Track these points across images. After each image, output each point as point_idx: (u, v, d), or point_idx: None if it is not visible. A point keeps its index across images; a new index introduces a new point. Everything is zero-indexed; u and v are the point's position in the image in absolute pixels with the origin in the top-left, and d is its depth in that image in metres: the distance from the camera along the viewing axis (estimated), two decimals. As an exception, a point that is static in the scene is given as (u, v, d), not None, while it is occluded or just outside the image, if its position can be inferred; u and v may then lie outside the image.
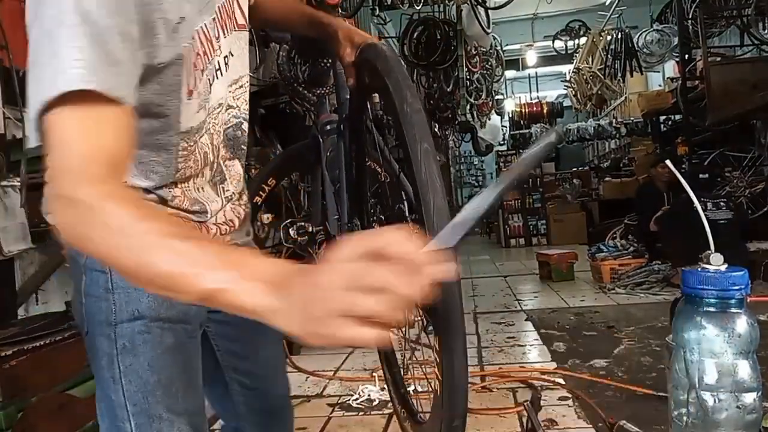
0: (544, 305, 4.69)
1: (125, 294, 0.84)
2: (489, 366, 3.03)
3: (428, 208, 0.83)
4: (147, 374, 0.84)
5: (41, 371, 1.79)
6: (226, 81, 0.91)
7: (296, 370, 3.21)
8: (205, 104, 0.86)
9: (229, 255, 0.57)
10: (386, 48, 1.01)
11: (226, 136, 0.94)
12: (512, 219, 11.12)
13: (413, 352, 1.41)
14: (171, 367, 0.85)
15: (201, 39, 0.82)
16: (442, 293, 0.77)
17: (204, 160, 0.90)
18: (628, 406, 2.32)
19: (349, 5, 5.41)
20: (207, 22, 0.84)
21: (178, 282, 0.56)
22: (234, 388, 1.05)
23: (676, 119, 8.62)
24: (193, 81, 0.81)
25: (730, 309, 1.37)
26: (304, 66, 1.75)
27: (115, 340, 0.84)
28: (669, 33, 8.12)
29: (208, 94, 0.86)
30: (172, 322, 0.86)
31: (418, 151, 0.85)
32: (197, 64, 0.82)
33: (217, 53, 0.87)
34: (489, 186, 0.60)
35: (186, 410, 0.87)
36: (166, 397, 0.85)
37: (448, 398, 0.83)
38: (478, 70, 7.62)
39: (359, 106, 1.19)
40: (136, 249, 0.57)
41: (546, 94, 14.84)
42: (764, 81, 5.25)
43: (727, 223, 4.63)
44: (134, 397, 0.83)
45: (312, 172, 1.62)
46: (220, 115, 0.91)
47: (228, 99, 0.93)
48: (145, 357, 0.84)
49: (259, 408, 1.08)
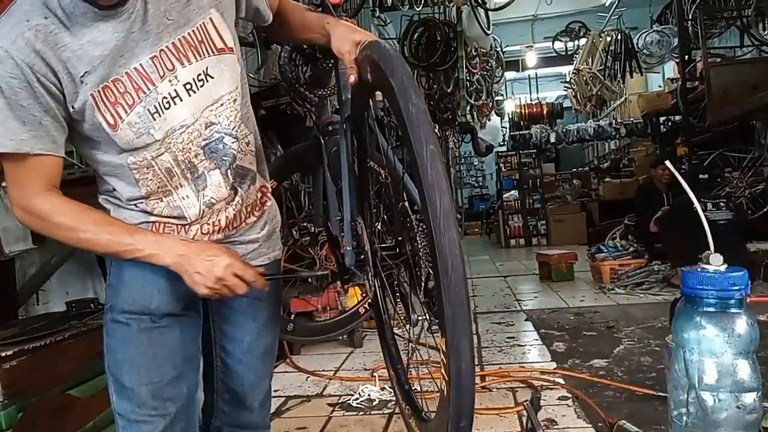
0: (543, 305, 4.69)
1: (111, 289, 1.14)
2: (489, 366, 3.03)
3: (435, 209, 0.82)
4: (116, 353, 1.11)
5: (41, 371, 1.79)
6: (195, 104, 1.06)
7: (296, 370, 3.21)
8: (149, 131, 1.03)
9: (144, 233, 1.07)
10: (389, 47, 1.00)
11: (208, 149, 1.09)
12: (512, 219, 11.12)
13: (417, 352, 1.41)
14: (133, 349, 1.10)
15: (132, 78, 1.00)
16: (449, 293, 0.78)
17: (168, 174, 1.08)
18: (627, 406, 2.32)
19: (349, 6, 5.42)
20: (143, 62, 1.01)
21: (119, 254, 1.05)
22: (217, 364, 1.26)
23: (676, 120, 8.63)
24: (112, 116, 1.00)
25: (729, 309, 1.37)
26: (306, 67, 1.75)
27: (106, 324, 1.13)
28: (669, 34, 8.12)
29: (151, 121, 1.03)
30: (136, 313, 1.10)
31: (424, 152, 0.85)
32: (122, 101, 1.00)
33: (173, 83, 1.03)
34: None
35: (150, 381, 1.09)
36: (130, 372, 1.10)
37: (456, 399, 0.83)
38: (478, 71, 7.62)
39: (361, 104, 1.19)
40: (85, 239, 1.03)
41: (546, 95, 14.83)
42: (764, 81, 5.26)
43: (727, 223, 4.62)
44: (110, 368, 1.12)
45: (313, 173, 1.62)
46: (184, 135, 1.06)
47: (204, 118, 1.08)
48: (116, 339, 1.11)
49: (232, 388, 1.26)
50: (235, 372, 1.25)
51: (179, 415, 1.12)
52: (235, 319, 1.23)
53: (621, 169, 10.76)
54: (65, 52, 0.95)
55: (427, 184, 0.84)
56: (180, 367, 1.13)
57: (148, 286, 1.10)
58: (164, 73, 1.02)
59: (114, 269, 1.13)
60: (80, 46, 0.96)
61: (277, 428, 2.43)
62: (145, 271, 1.08)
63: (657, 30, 8.37)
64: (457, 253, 0.82)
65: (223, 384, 1.26)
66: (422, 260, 1.00)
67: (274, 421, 2.51)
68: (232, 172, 1.13)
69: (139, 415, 1.09)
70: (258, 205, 1.21)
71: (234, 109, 1.11)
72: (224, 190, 1.12)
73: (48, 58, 0.95)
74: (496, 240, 12.01)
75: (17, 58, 0.93)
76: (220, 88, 1.08)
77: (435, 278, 0.86)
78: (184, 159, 1.08)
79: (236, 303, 1.20)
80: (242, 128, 1.14)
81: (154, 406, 1.09)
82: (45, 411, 1.78)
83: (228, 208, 1.14)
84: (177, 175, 1.08)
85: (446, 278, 0.82)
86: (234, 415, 1.28)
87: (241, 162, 1.15)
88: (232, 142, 1.11)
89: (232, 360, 1.25)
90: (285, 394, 2.84)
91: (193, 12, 1.04)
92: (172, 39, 1.03)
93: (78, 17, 0.95)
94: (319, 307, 3.35)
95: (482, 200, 16.91)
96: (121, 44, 0.99)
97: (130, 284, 1.11)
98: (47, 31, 0.94)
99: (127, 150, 1.03)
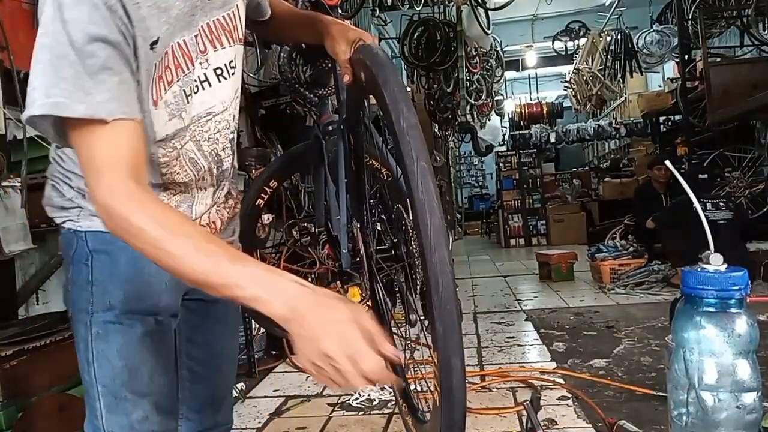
0: (543, 305, 4.69)
1: (102, 287, 0.95)
2: (489, 366, 3.03)
3: (425, 227, 0.82)
4: (115, 359, 0.94)
5: (41, 371, 1.79)
6: (224, 92, 0.99)
7: (296, 370, 3.22)
8: (180, 113, 0.93)
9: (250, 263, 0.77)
10: (382, 53, 0.98)
11: (232, 144, 1.03)
12: (512, 219, 11.12)
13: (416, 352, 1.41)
14: (138, 354, 0.95)
15: (175, 54, 0.90)
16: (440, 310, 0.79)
17: (193, 166, 0.98)
18: (627, 406, 2.32)
19: (349, 6, 5.42)
20: (187, 38, 0.91)
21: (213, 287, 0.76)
22: (183, 373, 1.13)
23: (676, 120, 8.64)
24: (156, 92, 0.89)
25: (729, 309, 1.37)
26: (305, 67, 1.75)
27: (90, 328, 0.95)
28: (669, 34, 8.12)
29: (184, 104, 0.93)
30: (142, 314, 0.96)
31: (415, 168, 0.84)
32: (164, 76, 0.89)
33: (203, 66, 0.95)
34: None
35: (151, 392, 0.97)
36: (132, 381, 0.95)
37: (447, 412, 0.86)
38: (478, 70, 7.62)
39: (357, 104, 1.18)
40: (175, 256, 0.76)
41: (546, 94, 14.85)
42: (764, 81, 5.26)
43: (727, 223, 4.63)
44: (103, 379, 0.95)
45: (314, 173, 1.61)
46: (209, 124, 0.98)
47: (230, 110, 1.01)
48: (115, 344, 0.95)
49: (201, 395, 1.17)
50: (204, 378, 1.17)
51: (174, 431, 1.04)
52: (206, 327, 1.15)
53: (621, 168, 10.76)
54: (141, 9, 0.83)
55: (418, 201, 0.83)
56: (173, 374, 1.04)
57: (155, 282, 0.96)
58: (206, 53, 0.95)
59: (100, 261, 0.95)
60: (152, 5, 0.85)
61: (277, 428, 2.44)
62: (149, 263, 0.82)
63: (657, 30, 8.37)
64: (447, 271, 0.82)
65: (190, 393, 1.15)
66: (417, 263, 1.00)
67: (274, 420, 2.51)
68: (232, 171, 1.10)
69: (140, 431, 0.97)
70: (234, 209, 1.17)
71: (237, 106, 1.06)
72: (227, 186, 1.09)
73: (131, 12, 0.82)
74: (496, 240, 12.00)
75: (106, 5, 0.79)
76: (238, 81, 1.03)
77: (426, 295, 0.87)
78: (211, 150, 1.00)
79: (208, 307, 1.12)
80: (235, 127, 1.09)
81: (158, 422, 0.98)
82: (45, 411, 1.78)
83: (222, 211, 1.09)
84: (203, 168, 0.99)
85: (437, 296, 0.82)
86: (200, 421, 1.20)
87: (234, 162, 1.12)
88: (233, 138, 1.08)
89: (201, 367, 1.16)
90: (285, 394, 2.84)
91: None
92: (209, 19, 0.95)
93: None
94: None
95: (482, 200, 16.93)
96: (181, 14, 0.90)
97: (133, 279, 0.95)
98: None
99: (159, 140, 0.92)
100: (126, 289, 0.96)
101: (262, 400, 2.78)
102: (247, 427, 2.46)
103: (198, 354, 1.14)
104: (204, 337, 1.14)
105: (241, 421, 2.53)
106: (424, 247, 0.82)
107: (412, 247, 1.01)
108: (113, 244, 0.91)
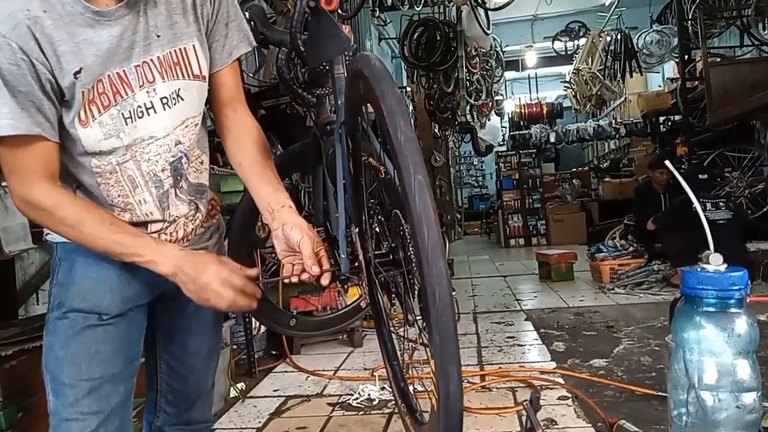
0: (543, 305, 4.70)
1: (59, 287, 1.13)
2: (489, 365, 3.04)
3: (423, 240, 0.83)
4: (58, 349, 1.11)
5: (41, 371, 1.79)
6: (168, 120, 1.11)
7: (296, 370, 3.22)
8: (119, 134, 1.06)
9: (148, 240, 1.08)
10: (379, 64, 0.98)
11: (173, 167, 1.14)
12: (512, 219, 11.12)
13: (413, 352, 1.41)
14: (77, 345, 1.10)
15: (113, 82, 1.04)
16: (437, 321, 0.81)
17: (131, 183, 1.10)
18: (627, 406, 2.32)
19: (349, 6, 5.42)
20: (126, 68, 1.05)
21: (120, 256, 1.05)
22: (161, 366, 1.28)
23: (676, 120, 8.63)
24: (86, 114, 1.03)
25: (729, 309, 1.37)
26: (304, 67, 1.75)
27: (47, 323, 1.13)
28: (669, 34, 8.12)
29: (122, 125, 1.06)
30: (85, 312, 1.11)
31: (412, 182, 0.85)
32: (98, 101, 1.03)
33: (150, 95, 1.08)
34: None
35: (89, 378, 1.10)
36: (70, 368, 1.10)
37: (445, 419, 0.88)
38: (478, 71, 7.62)
39: (355, 110, 1.18)
40: (90, 235, 1.03)
41: (546, 94, 14.84)
42: (764, 81, 5.26)
43: (727, 223, 4.63)
44: (50, 366, 1.12)
45: (313, 172, 1.61)
46: (151, 146, 1.10)
47: (175, 135, 1.12)
48: (59, 336, 1.11)
49: (176, 389, 1.29)
50: (179, 374, 1.28)
51: (113, 414, 1.13)
52: (180, 324, 1.26)
53: (621, 168, 10.77)
54: (62, 46, 0.99)
55: (415, 215, 0.84)
56: (119, 366, 1.14)
57: (101, 285, 1.12)
58: (144, 83, 1.07)
59: (63, 267, 1.14)
60: (76, 43, 1.00)
61: (277, 428, 2.44)
62: (99, 269, 1.11)
63: (657, 30, 8.37)
64: (444, 283, 0.84)
65: (167, 386, 1.29)
66: (415, 270, 1.00)
67: (274, 420, 2.51)
68: (189, 189, 1.18)
69: (72, 413, 1.10)
70: (208, 218, 1.26)
71: (194, 133, 1.17)
72: (185, 206, 1.17)
73: (45, 49, 0.98)
74: (496, 240, 12.01)
75: (17, 44, 0.96)
76: (187, 111, 1.14)
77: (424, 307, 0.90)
78: (149, 171, 1.11)
79: (183, 306, 1.21)
80: (195, 150, 1.19)
81: (88, 404, 1.10)
82: (45, 411, 1.78)
83: (188, 223, 1.19)
84: (141, 186, 1.11)
85: (434, 308, 0.84)
86: (175, 415, 1.31)
87: (198, 180, 1.20)
88: (185, 163, 1.17)
89: (176, 363, 1.28)
90: (285, 394, 2.84)
91: (176, 36, 1.11)
92: (158, 53, 1.08)
93: (76, 16, 1.00)
94: (319, 307, 3.36)
95: (482, 200, 16.93)
96: (114, 48, 1.04)
97: (82, 282, 1.12)
98: (45, 24, 0.98)
99: (91, 153, 1.06)
100: (73, 290, 1.12)
101: (262, 400, 2.78)
102: (247, 427, 2.47)
103: (174, 350, 1.27)
104: (179, 335, 1.27)
105: (241, 420, 2.53)
106: (422, 260, 0.84)
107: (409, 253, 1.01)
108: (73, 253, 1.11)
